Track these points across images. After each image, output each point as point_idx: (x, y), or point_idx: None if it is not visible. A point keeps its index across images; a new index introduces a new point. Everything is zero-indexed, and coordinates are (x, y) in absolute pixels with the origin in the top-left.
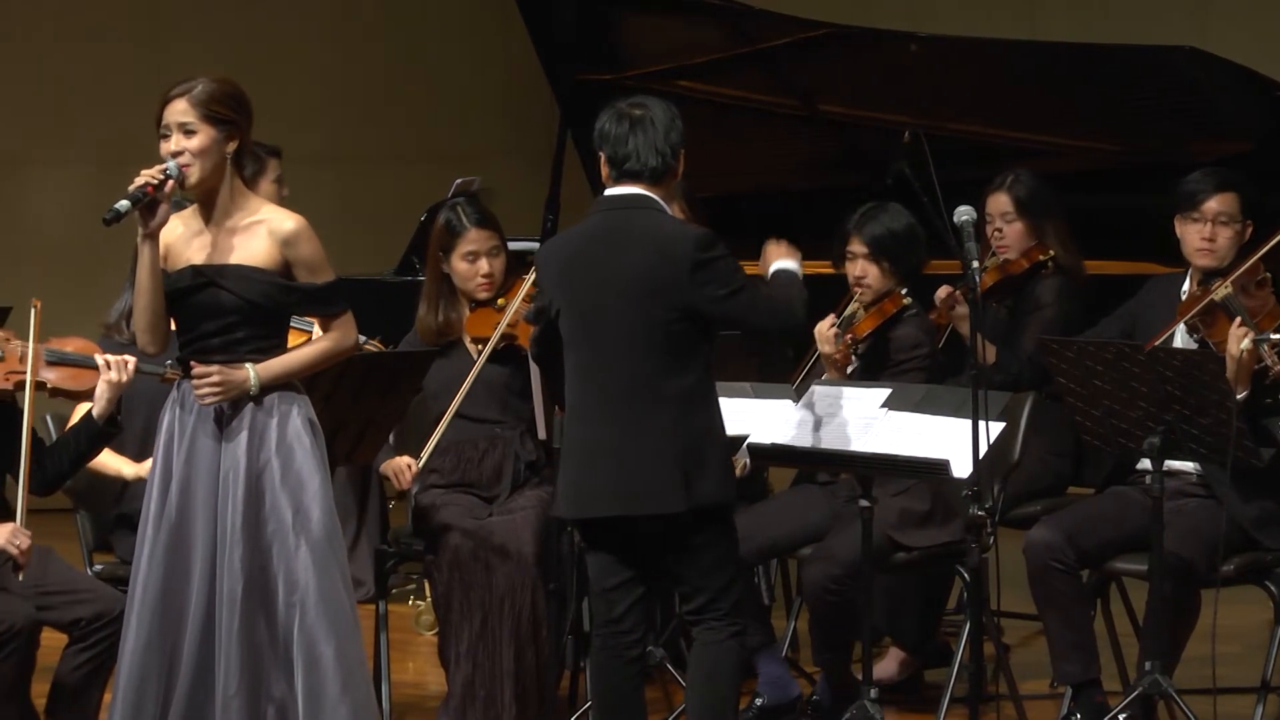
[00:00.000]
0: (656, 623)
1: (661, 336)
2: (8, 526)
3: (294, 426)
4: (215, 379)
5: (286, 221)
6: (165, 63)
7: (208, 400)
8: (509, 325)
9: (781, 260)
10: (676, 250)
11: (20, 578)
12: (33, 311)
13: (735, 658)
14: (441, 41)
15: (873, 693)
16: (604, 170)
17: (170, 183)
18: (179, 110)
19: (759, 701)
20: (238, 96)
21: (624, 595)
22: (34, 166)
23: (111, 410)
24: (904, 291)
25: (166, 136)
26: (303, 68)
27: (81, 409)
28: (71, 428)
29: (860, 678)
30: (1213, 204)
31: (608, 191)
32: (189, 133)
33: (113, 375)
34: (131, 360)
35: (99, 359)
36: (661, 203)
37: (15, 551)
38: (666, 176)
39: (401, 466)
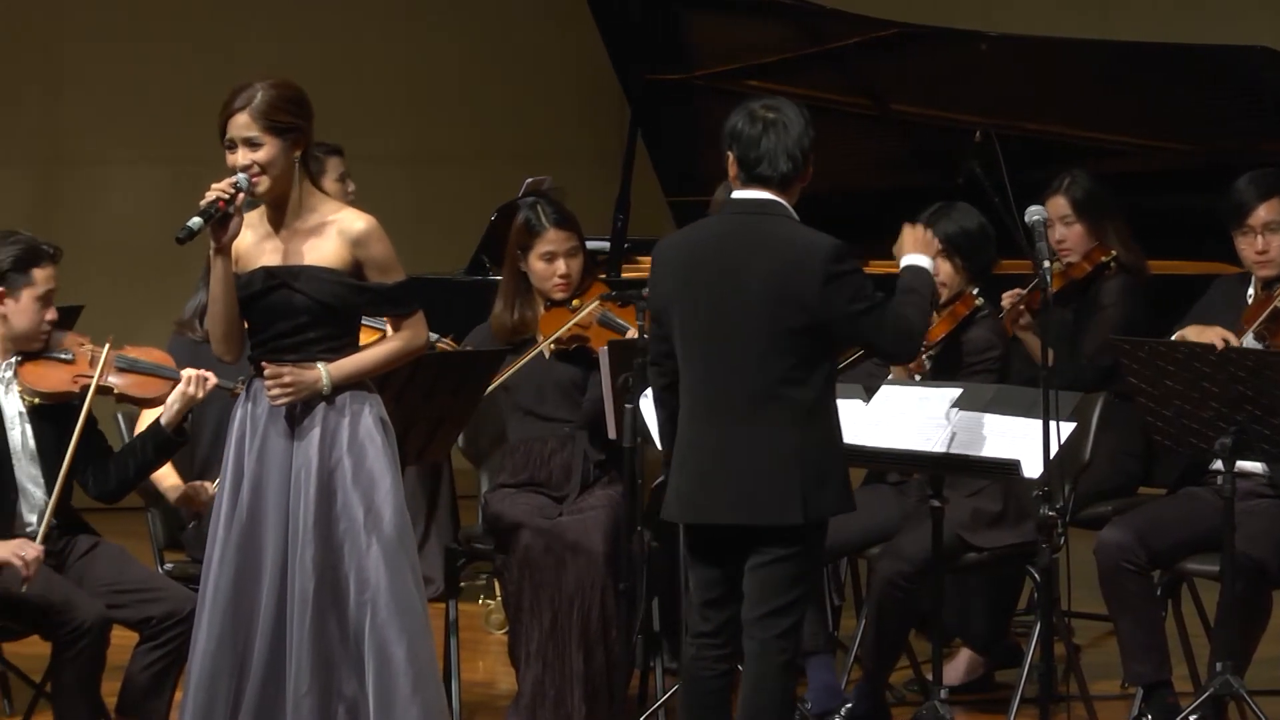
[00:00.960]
0: None
1: (787, 346)
2: (15, 541)
3: (366, 425)
4: (287, 379)
5: (357, 222)
6: (236, 63)
7: (280, 400)
8: (581, 327)
9: (916, 256)
10: (810, 260)
11: (24, 589)
12: (106, 347)
13: (782, 689)
14: (512, 41)
15: (943, 693)
16: (731, 170)
17: (240, 195)
18: (241, 124)
19: (806, 706)
20: (297, 100)
21: (723, 609)
22: (106, 167)
23: (180, 420)
24: (974, 292)
25: (232, 149)
26: (374, 68)
27: (150, 415)
28: (139, 435)
29: (930, 678)
30: (1260, 213)
31: (735, 194)
32: (254, 146)
33: (190, 389)
34: (212, 378)
35: (183, 373)
36: (790, 209)
37: (19, 563)
38: (795, 181)
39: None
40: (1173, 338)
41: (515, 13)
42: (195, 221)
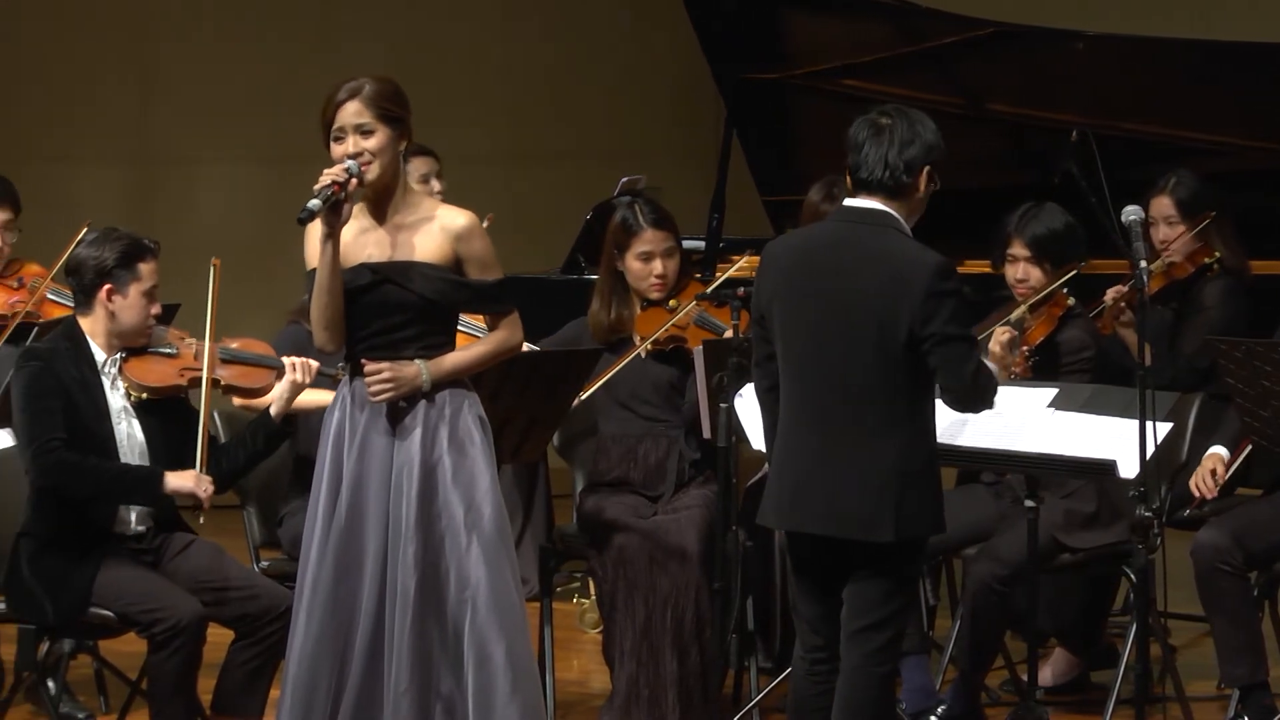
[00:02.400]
0: None
1: (887, 359)
2: (190, 472)
3: (465, 423)
4: (387, 375)
5: (459, 218)
6: (331, 63)
7: (380, 396)
8: (678, 327)
9: (989, 363)
10: (914, 275)
11: (201, 520)
12: (212, 270)
13: (879, 703)
14: (608, 41)
15: (1038, 694)
16: (848, 178)
17: (354, 181)
18: (353, 112)
19: (902, 707)
20: (402, 94)
21: (832, 623)
22: (202, 165)
23: (288, 410)
24: (1066, 291)
25: (340, 139)
26: (470, 68)
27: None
28: (248, 426)
29: (1025, 679)
30: None
31: (846, 202)
32: (366, 133)
33: (297, 377)
34: (315, 364)
35: (286, 361)
36: (902, 220)
37: (204, 495)
38: (903, 192)
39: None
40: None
41: (611, 12)
42: (314, 203)
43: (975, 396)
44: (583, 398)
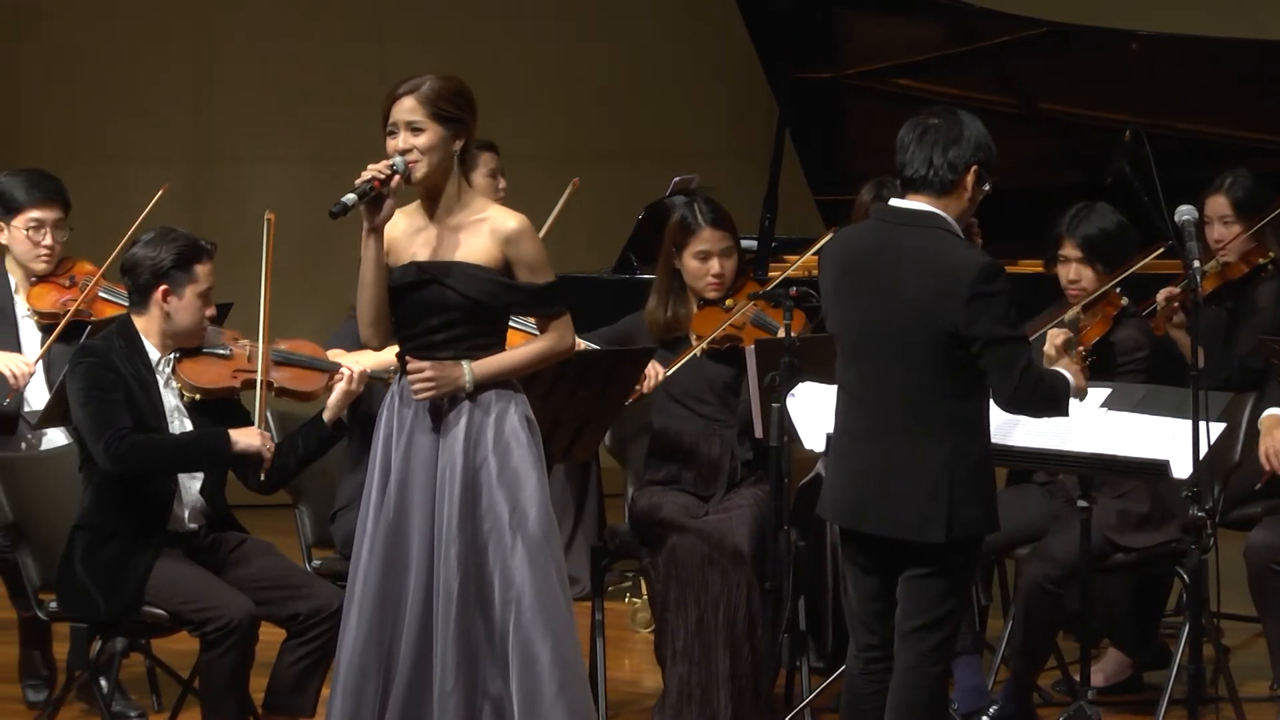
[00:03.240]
0: None
1: (936, 359)
2: (253, 430)
3: (511, 424)
4: (429, 373)
5: (509, 220)
6: (386, 62)
7: (421, 395)
8: (734, 326)
9: (1066, 369)
10: (958, 276)
11: (263, 477)
12: (266, 224)
13: (932, 700)
14: (660, 40)
15: (1090, 694)
16: (898, 179)
17: (396, 178)
18: (406, 108)
19: (954, 707)
20: (464, 95)
21: (887, 621)
22: (255, 164)
23: (335, 414)
24: (1119, 291)
25: (393, 134)
26: (522, 68)
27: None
28: (300, 429)
29: (1078, 679)
30: None
31: (892, 201)
32: (416, 130)
33: (352, 386)
34: (369, 368)
35: (344, 368)
36: (949, 219)
37: (268, 452)
38: (949, 191)
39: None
40: None
41: (663, 11)
42: (349, 198)
43: (1033, 400)
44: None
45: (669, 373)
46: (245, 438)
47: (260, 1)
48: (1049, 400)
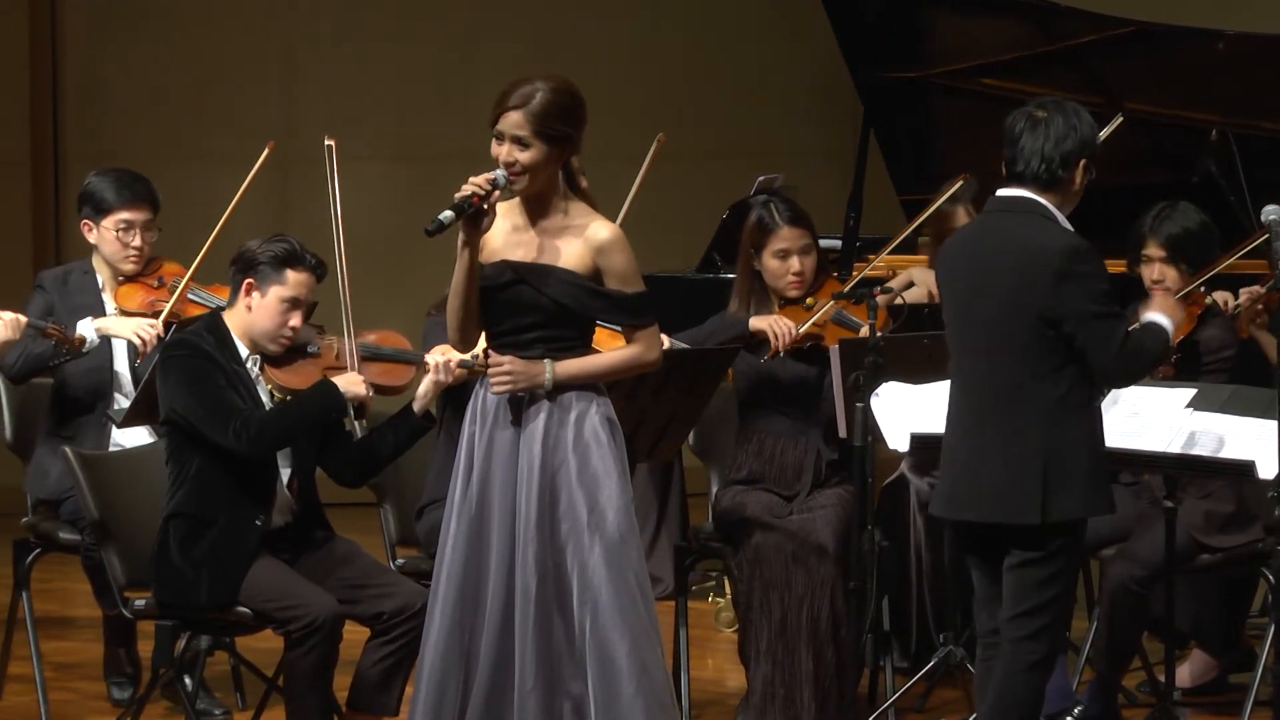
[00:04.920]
0: (957, 622)
1: (1031, 343)
2: (353, 375)
3: (591, 425)
4: (507, 368)
5: (602, 230)
6: (473, 63)
7: (500, 389)
8: (816, 325)
9: (1161, 315)
10: (1046, 258)
11: (364, 424)
12: (328, 150)
13: (1030, 688)
14: (746, 40)
15: (1175, 695)
16: (1004, 169)
17: (496, 193)
18: (514, 122)
19: (1079, 710)
20: (573, 108)
21: (999, 605)
22: (341, 164)
23: (426, 405)
24: (1204, 290)
25: (499, 140)
26: (608, 67)
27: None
28: (389, 420)
29: (1163, 680)
30: None
31: (998, 192)
32: (522, 145)
33: (440, 377)
34: (456, 358)
35: (430, 359)
36: (1051, 208)
37: (366, 395)
38: (1057, 184)
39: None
40: None
41: (749, 11)
42: (446, 215)
43: (1135, 371)
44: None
45: (764, 359)
46: (350, 385)
47: (345, 2)
48: (1152, 363)
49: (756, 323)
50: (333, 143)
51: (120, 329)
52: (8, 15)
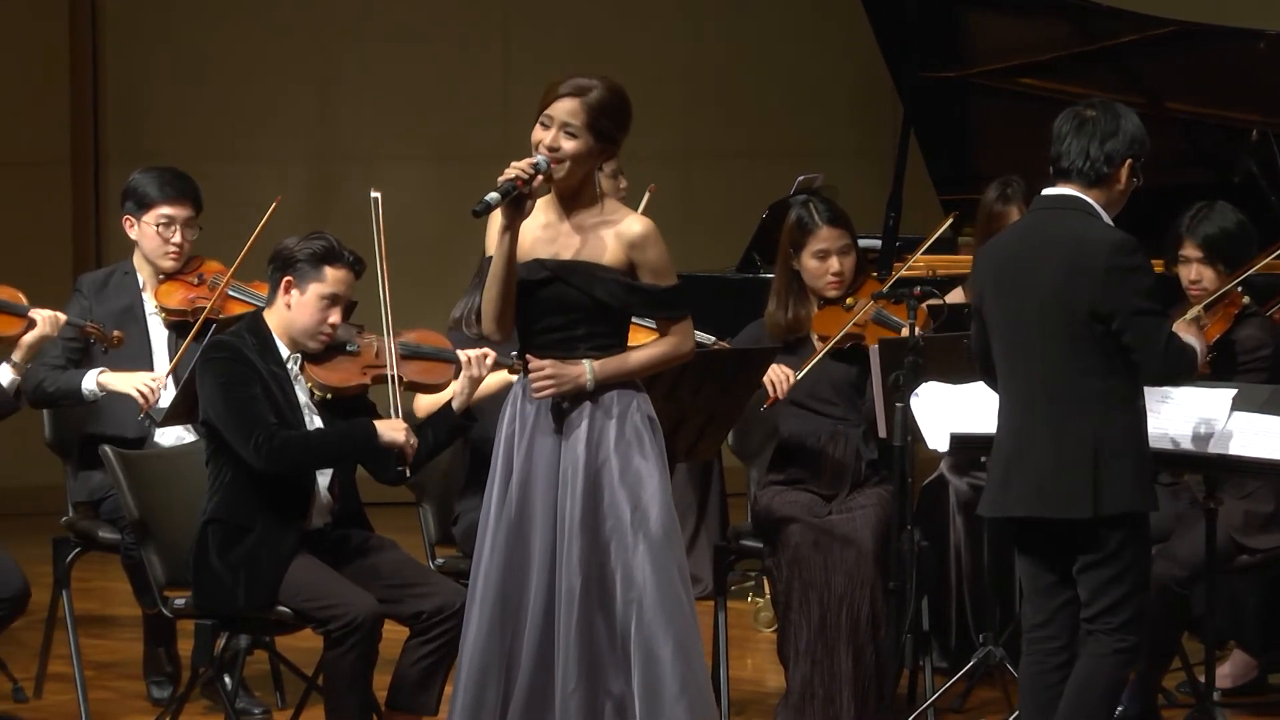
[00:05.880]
0: (996, 622)
1: (1079, 338)
2: (399, 423)
3: (633, 423)
4: (549, 371)
5: (635, 225)
6: (510, 63)
7: (542, 393)
8: (856, 325)
9: (1191, 336)
10: (1094, 252)
11: (409, 474)
12: (373, 204)
13: (1112, 675)
14: (786, 39)
15: (1216, 695)
16: (1050, 167)
17: (539, 177)
18: (567, 109)
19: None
20: (624, 111)
21: (1049, 600)
22: (381, 163)
23: (464, 403)
24: (1241, 290)
25: (546, 126)
26: (647, 66)
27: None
28: (428, 419)
29: (1202, 680)
30: None
31: (1044, 191)
32: (570, 134)
33: (474, 371)
34: (491, 354)
35: (461, 355)
36: (1096, 206)
37: (410, 448)
38: (1102, 182)
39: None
40: None
41: (787, 11)
42: (493, 196)
43: (1179, 371)
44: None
45: (799, 376)
46: (390, 431)
47: (385, 2)
48: (1188, 371)
49: None
50: (378, 195)
51: (122, 385)
52: (48, 16)
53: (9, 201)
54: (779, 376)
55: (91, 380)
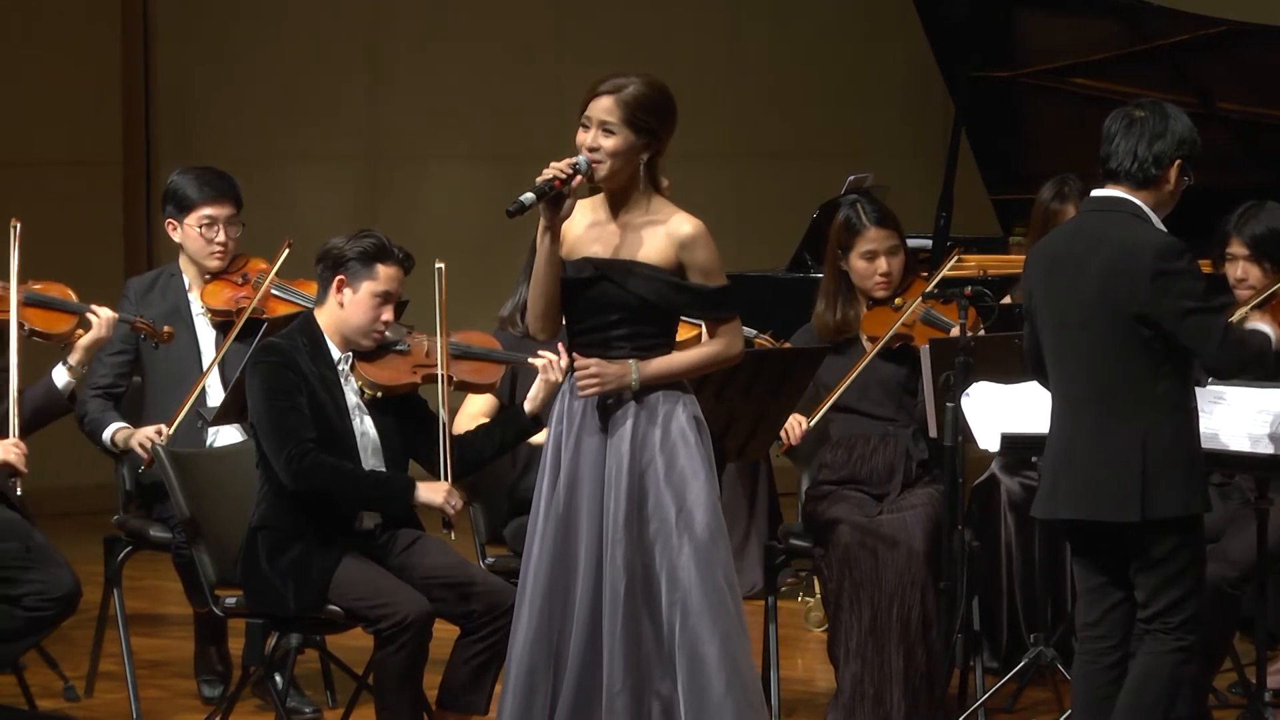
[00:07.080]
0: (1048, 622)
1: (1129, 342)
2: (442, 486)
3: (678, 424)
4: (593, 370)
5: (685, 225)
6: (560, 62)
7: (586, 392)
8: (904, 325)
9: (1263, 324)
10: (1140, 256)
11: (453, 535)
12: (437, 275)
13: (1170, 672)
14: (837, 39)
15: (1267, 695)
16: (1100, 168)
17: (578, 178)
18: (603, 107)
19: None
20: (665, 106)
21: (1101, 599)
22: (429, 163)
23: (538, 407)
24: None
25: (586, 128)
26: (697, 65)
27: (474, 401)
28: (496, 419)
29: (1254, 681)
30: None
31: (1093, 192)
32: (608, 132)
33: (550, 375)
34: (564, 358)
35: (537, 362)
36: (1145, 208)
37: (450, 508)
38: (1151, 183)
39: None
40: None
41: (838, 10)
42: (528, 196)
43: (1240, 362)
44: (824, 410)
45: (849, 382)
46: (429, 492)
47: (434, 2)
48: (1256, 359)
49: None
50: (443, 265)
51: (128, 442)
52: (100, 17)
53: (61, 201)
54: (791, 424)
55: (109, 435)
